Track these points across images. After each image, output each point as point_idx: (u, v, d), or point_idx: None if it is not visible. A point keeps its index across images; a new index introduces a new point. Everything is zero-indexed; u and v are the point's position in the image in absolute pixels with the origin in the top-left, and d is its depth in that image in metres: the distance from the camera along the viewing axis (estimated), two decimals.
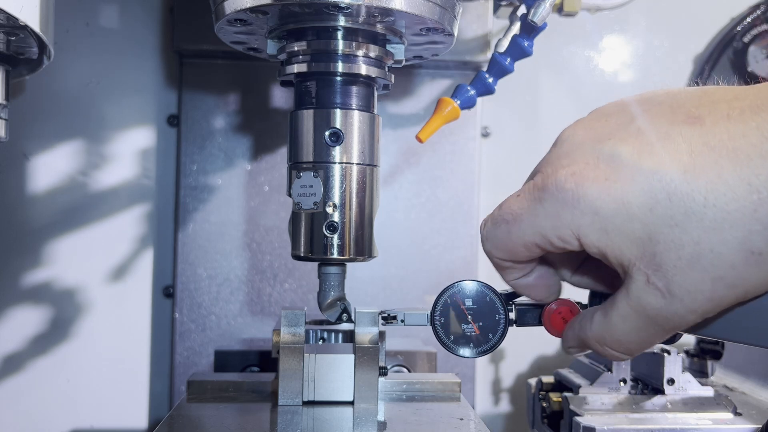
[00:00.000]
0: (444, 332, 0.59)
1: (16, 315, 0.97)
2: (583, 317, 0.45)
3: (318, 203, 0.62)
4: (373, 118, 0.64)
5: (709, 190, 0.35)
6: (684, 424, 0.70)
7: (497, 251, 0.46)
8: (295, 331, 0.65)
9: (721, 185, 0.35)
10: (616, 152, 0.38)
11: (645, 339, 0.41)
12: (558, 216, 0.40)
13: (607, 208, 0.37)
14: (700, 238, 0.36)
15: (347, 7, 0.56)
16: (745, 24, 1.07)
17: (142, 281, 1.00)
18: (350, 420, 0.61)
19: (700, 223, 0.35)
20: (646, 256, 0.37)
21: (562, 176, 0.40)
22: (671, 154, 0.37)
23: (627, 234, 0.37)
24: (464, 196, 0.97)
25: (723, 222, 0.35)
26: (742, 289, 0.37)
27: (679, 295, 0.37)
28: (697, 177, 0.36)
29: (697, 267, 0.36)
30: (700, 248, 0.36)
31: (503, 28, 0.74)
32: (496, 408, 1.07)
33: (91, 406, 1.00)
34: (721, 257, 0.35)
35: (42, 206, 0.98)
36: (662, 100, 0.40)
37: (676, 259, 0.36)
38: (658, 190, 0.36)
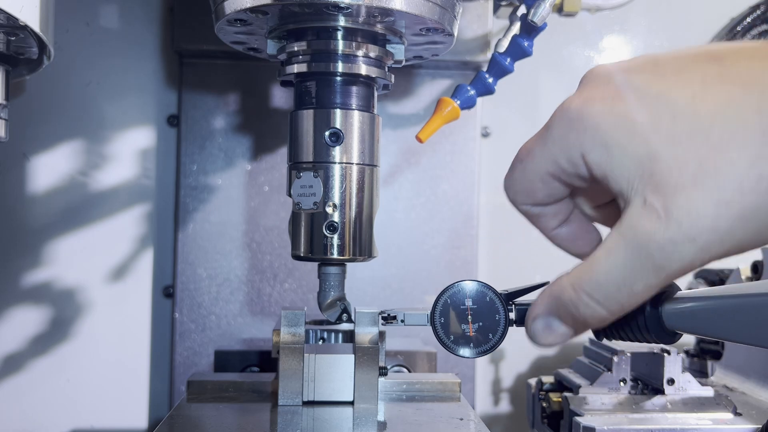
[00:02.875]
0: (444, 332, 0.59)
1: (16, 315, 0.97)
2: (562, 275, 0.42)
3: (318, 203, 0.62)
4: (373, 118, 0.64)
5: (716, 112, 0.34)
6: (684, 424, 0.70)
7: (519, 195, 0.45)
8: (295, 331, 0.65)
9: (730, 109, 0.33)
10: (629, 80, 0.37)
11: (629, 280, 0.37)
12: (565, 137, 0.39)
13: (608, 122, 0.36)
14: (705, 156, 0.33)
15: (347, 7, 0.56)
16: (745, 24, 1.07)
17: (142, 281, 1.00)
18: (350, 420, 0.61)
19: (705, 141, 0.33)
20: (645, 175, 0.35)
21: (569, 101, 0.40)
22: (683, 82, 0.35)
23: (627, 151, 0.36)
24: (464, 196, 0.97)
25: (730, 141, 0.33)
26: (754, 225, 0.33)
27: (677, 218, 0.34)
28: (704, 100, 0.34)
29: (701, 187, 0.33)
30: (704, 167, 0.33)
31: (503, 28, 0.74)
32: (496, 408, 1.07)
33: (91, 406, 1.00)
34: (728, 178, 0.33)
35: (42, 206, 0.98)
36: (691, 47, 0.39)
37: (678, 177, 0.34)
38: (663, 111, 0.35)
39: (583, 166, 0.38)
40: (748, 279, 0.87)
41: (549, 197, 0.44)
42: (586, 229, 0.48)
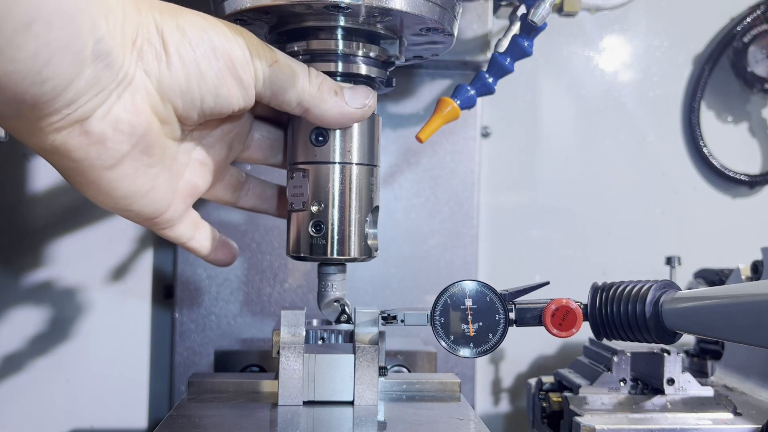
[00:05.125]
0: (444, 332, 0.59)
1: (16, 315, 0.97)
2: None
3: (306, 203, 0.62)
4: (373, 118, 0.64)
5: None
6: (684, 424, 0.70)
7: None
8: (295, 331, 0.65)
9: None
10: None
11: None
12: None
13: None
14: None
15: (347, 7, 0.56)
16: (745, 24, 1.07)
17: (142, 281, 1.00)
18: (350, 420, 0.61)
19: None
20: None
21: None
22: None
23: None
24: (464, 196, 0.97)
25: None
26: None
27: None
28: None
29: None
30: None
31: (503, 28, 0.74)
32: (496, 408, 1.07)
33: (91, 406, 1.00)
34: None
35: (42, 206, 0.98)
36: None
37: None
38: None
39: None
40: (748, 279, 0.87)
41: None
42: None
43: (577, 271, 1.09)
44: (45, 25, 0.40)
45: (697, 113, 1.10)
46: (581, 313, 0.57)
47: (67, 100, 0.44)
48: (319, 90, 0.57)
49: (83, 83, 0.44)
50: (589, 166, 1.11)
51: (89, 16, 0.43)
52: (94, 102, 0.46)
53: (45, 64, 0.41)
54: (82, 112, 0.46)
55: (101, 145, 0.48)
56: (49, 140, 0.47)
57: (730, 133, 1.13)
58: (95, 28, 0.43)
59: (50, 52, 0.41)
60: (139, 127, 0.49)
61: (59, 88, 0.43)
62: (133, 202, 0.54)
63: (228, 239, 0.67)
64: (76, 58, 0.43)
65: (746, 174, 1.12)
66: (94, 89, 0.45)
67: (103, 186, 0.51)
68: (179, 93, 0.50)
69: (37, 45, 0.40)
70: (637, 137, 1.12)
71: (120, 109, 0.48)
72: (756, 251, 0.86)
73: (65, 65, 0.42)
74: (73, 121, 0.46)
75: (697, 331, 0.54)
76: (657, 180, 1.12)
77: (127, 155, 0.50)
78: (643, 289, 0.55)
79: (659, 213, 1.12)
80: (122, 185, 0.52)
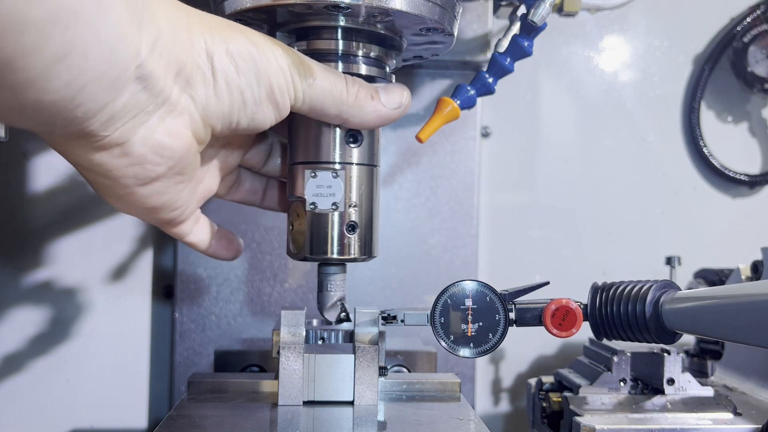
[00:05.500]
0: (444, 332, 0.59)
1: (16, 315, 0.97)
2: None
3: (338, 203, 0.61)
4: None
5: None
6: (684, 424, 0.70)
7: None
8: (295, 331, 0.65)
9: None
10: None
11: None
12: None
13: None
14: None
15: (347, 7, 0.56)
16: (745, 24, 1.07)
17: (142, 281, 1.00)
18: (350, 420, 0.61)
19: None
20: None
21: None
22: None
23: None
24: (464, 196, 0.97)
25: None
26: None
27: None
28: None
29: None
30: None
31: (503, 28, 0.74)
32: (496, 408, 1.07)
33: (91, 406, 1.00)
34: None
35: (42, 206, 0.98)
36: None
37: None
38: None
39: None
40: (748, 279, 0.87)
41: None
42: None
43: (577, 271, 1.09)
44: (79, 58, 0.39)
45: (697, 113, 1.10)
46: (581, 313, 0.57)
47: (102, 122, 0.44)
48: (357, 99, 0.56)
49: (120, 106, 0.43)
50: (589, 166, 1.11)
51: (130, 44, 0.42)
52: (132, 123, 0.45)
53: (78, 92, 0.40)
54: (120, 134, 0.45)
55: (140, 167, 0.48)
56: (87, 158, 0.47)
57: (730, 133, 1.13)
58: (136, 55, 0.42)
59: (84, 81, 0.40)
60: (179, 151, 0.49)
61: (92, 112, 0.42)
62: (158, 212, 0.55)
63: (231, 233, 0.67)
64: (113, 84, 0.42)
65: (746, 174, 1.12)
66: (132, 111, 0.45)
67: (134, 200, 0.52)
68: (221, 118, 0.50)
69: (70, 76, 0.39)
70: (637, 137, 1.12)
71: (162, 133, 0.47)
72: (756, 251, 0.86)
73: (100, 91, 0.41)
74: (113, 143, 0.46)
75: (697, 331, 0.54)
76: (657, 180, 1.12)
77: (163, 175, 0.51)
78: (643, 289, 0.55)
79: (659, 213, 1.12)
80: (152, 200, 0.52)
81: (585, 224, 1.10)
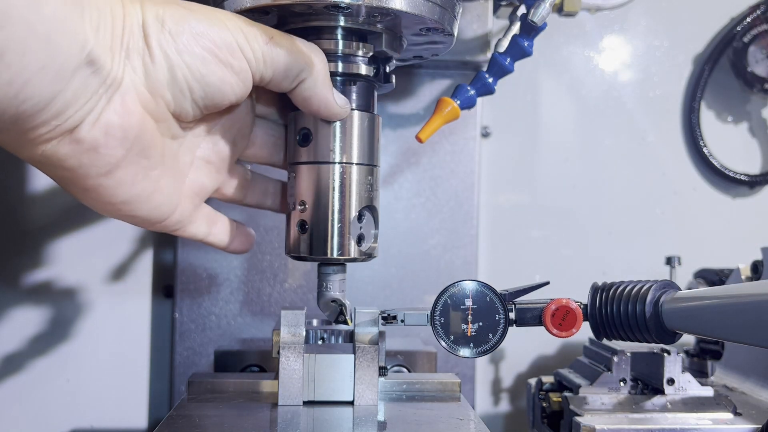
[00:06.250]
0: (444, 332, 0.59)
1: (16, 315, 0.97)
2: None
3: (294, 203, 0.62)
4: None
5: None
6: (684, 424, 0.70)
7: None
8: (295, 331, 0.65)
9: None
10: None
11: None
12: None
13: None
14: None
15: (347, 7, 0.56)
16: (745, 24, 1.07)
17: (142, 281, 1.00)
18: (350, 420, 0.61)
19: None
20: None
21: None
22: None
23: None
24: (464, 196, 0.97)
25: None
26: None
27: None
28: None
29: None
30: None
31: (503, 28, 0.74)
32: (496, 408, 1.07)
33: (91, 406, 1.00)
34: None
35: (42, 206, 0.98)
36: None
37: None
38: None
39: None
40: (748, 279, 0.87)
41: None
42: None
43: (577, 271, 1.09)
44: (17, 54, 0.38)
45: (697, 113, 1.10)
46: (581, 313, 0.57)
47: (53, 113, 0.43)
48: (319, 66, 0.56)
49: (70, 94, 0.43)
50: (589, 166, 1.11)
51: (70, 31, 0.41)
52: (84, 109, 0.45)
53: (21, 87, 0.40)
54: (72, 122, 0.45)
55: (94, 152, 0.47)
56: (38, 151, 0.46)
57: (730, 133, 1.13)
58: (79, 41, 0.42)
59: (26, 77, 0.39)
60: (131, 129, 0.48)
61: (40, 105, 0.42)
62: (137, 207, 0.52)
63: (243, 225, 0.66)
64: (57, 75, 0.41)
65: (746, 174, 1.12)
66: (83, 98, 0.44)
67: (102, 193, 0.50)
68: (166, 85, 0.48)
69: (10, 74, 0.39)
70: (637, 137, 1.12)
71: (110, 113, 0.46)
72: (756, 251, 0.86)
73: (44, 84, 0.41)
74: (63, 131, 0.45)
75: (697, 331, 0.54)
76: (657, 180, 1.12)
77: (123, 159, 0.49)
78: (643, 289, 0.55)
79: (659, 213, 1.12)
80: (122, 191, 0.50)
81: (585, 224, 1.10)
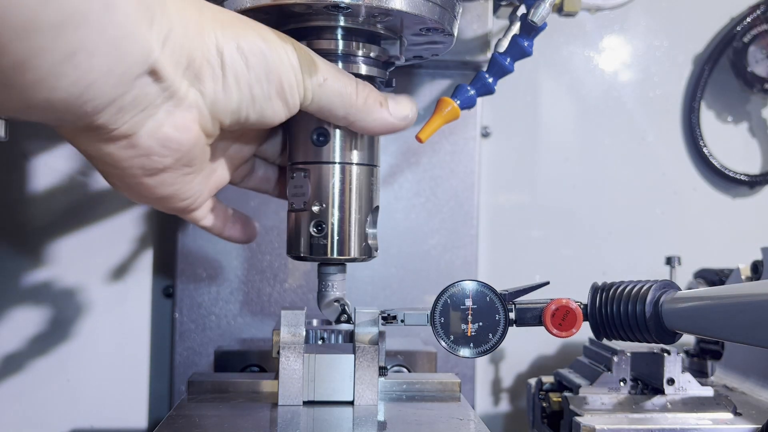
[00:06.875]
0: (444, 332, 0.59)
1: (16, 315, 0.97)
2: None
3: (307, 203, 0.62)
4: None
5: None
6: (684, 424, 0.70)
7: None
8: (295, 331, 0.65)
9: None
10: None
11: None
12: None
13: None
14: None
15: (347, 7, 0.56)
16: (745, 24, 1.07)
17: (142, 281, 1.00)
18: (350, 420, 0.61)
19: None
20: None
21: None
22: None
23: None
24: (464, 196, 0.97)
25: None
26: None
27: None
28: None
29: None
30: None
31: (503, 28, 0.74)
32: (496, 408, 1.07)
33: (91, 406, 1.00)
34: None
35: (42, 206, 0.98)
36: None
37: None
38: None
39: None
40: (748, 279, 0.87)
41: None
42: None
43: (577, 271, 1.09)
44: (86, 56, 0.39)
45: (697, 113, 1.10)
46: (581, 313, 0.57)
47: (111, 115, 0.44)
48: (366, 103, 0.57)
49: (130, 99, 0.44)
50: (589, 166, 1.11)
51: (139, 40, 0.42)
52: (142, 116, 0.46)
53: (85, 89, 0.41)
54: (129, 127, 0.46)
55: (146, 158, 0.49)
56: (95, 148, 0.48)
57: (730, 133, 1.13)
58: (149, 51, 0.43)
59: (92, 79, 0.41)
60: (185, 144, 0.50)
61: (101, 107, 0.43)
62: (169, 201, 0.56)
63: (247, 217, 0.68)
64: (120, 80, 0.43)
65: (746, 174, 1.12)
66: (141, 104, 0.45)
67: (143, 189, 0.53)
68: (229, 113, 0.51)
69: (77, 74, 0.40)
70: (637, 137, 1.12)
71: (169, 127, 0.48)
72: (756, 251, 0.86)
73: (107, 87, 0.42)
74: (121, 135, 0.47)
75: (697, 331, 0.54)
76: (657, 180, 1.12)
77: (171, 166, 0.51)
78: (643, 289, 0.55)
79: (659, 213, 1.12)
80: (161, 189, 0.53)
81: (585, 224, 1.10)
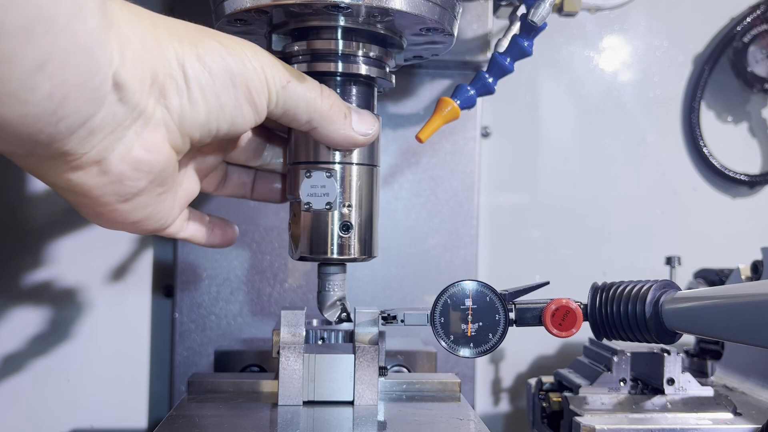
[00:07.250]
0: (444, 332, 0.59)
1: (16, 315, 0.97)
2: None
3: (332, 203, 0.61)
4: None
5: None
6: (684, 424, 0.70)
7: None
8: (295, 331, 0.65)
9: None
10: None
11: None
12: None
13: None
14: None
15: (347, 7, 0.56)
16: (745, 24, 1.07)
17: (142, 281, 1.00)
18: (350, 420, 0.61)
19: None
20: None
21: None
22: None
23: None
24: (464, 196, 0.97)
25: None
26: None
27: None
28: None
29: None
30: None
31: (503, 28, 0.74)
32: (496, 408, 1.07)
33: (91, 406, 1.00)
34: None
35: (42, 206, 0.98)
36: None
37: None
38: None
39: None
40: (748, 279, 0.87)
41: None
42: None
43: (577, 271, 1.09)
44: (60, 65, 0.38)
45: (697, 113, 1.10)
46: (581, 313, 0.57)
47: (82, 138, 0.43)
48: (330, 110, 0.56)
49: (99, 120, 0.43)
50: (589, 166, 1.11)
51: (107, 50, 0.41)
52: (110, 139, 0.44)
53: (60, 103, 0.39)
54: (98, 152, 0.45)
55: (119, 184, 0.47)
56: (64, 178, 0.46)
57: (730, 133, 1.13)
58: (110, 62, 0.41)
59: (66, 91, 0.39)
60: (158, 165, 0.48)
61: (74, 126, 0.41)
62: (143, 224, 0.54)
63: (224, 221, 0.66)
64: (94, 95, 0.41)
65: (746, 174, 1.12)
66: (109, 126, 0.44)
67: (116, 216, 0.51)
68: (198, 126, 0.49)
69: (51, 85, 0.38)
70: (637, 137, 1.12)
71: (139, 149, 0.46)
72: (756, 251, 0.86)
73: (82, 103, 0.41)
74: (91, 162, 0.45)
75: (697, 331, 0.54)
76: (657, 180, 1.12)
77: (144, 189, 0.50)
78: (643, 289, 0.55)
79: (659, 213, 1.12)
80: (134, 214, 0.51)
81: (585, 224, 1.10)
